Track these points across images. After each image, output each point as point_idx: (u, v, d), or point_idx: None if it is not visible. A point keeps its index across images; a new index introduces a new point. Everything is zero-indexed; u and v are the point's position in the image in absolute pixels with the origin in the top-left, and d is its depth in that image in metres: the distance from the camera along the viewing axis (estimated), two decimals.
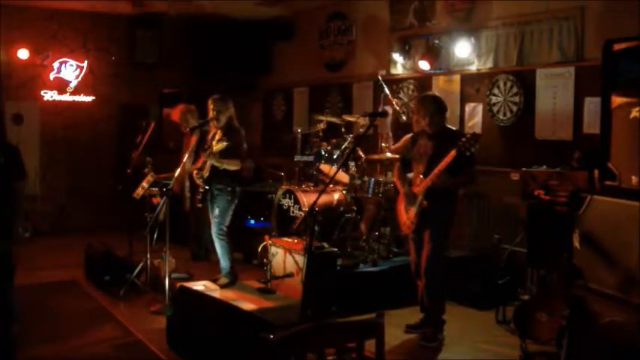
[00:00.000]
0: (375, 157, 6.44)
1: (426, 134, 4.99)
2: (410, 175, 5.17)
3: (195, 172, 6.07)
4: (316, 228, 4.86)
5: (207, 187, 5.99)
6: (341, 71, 8.83)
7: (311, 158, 6.71)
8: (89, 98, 9.57)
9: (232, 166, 5.89)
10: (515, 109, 6.42)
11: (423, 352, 4.80)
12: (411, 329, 5.10)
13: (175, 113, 7.16)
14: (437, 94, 5.48)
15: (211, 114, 5.93)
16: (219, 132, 5.99)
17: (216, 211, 5.99)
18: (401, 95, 7.66)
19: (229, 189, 5.92)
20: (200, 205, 6.16)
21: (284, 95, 10.00)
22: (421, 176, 4.87)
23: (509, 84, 6.47)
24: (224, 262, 6.03)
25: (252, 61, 9.93)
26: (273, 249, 5.53)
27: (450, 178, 4.74)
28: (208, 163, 5.90)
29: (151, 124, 6.76)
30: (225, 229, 5.99)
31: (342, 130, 6.79)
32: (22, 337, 5.00)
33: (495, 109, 6.60)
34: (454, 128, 5.44)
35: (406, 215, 5.01)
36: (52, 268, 7.16)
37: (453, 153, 4.59)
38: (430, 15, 7.40)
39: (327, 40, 9.04)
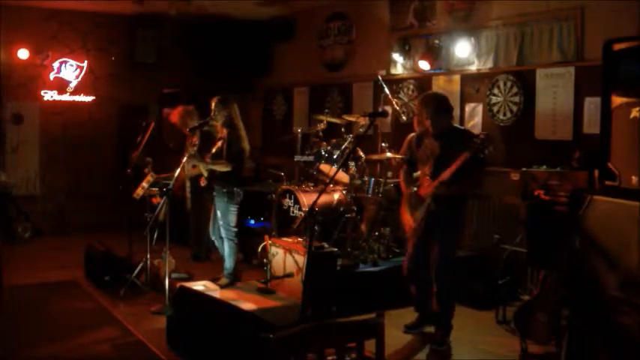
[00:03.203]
0: (375, 157, 6.44)
1: (432, 134, 4.84)
2: (415, 175, 5.10)
3: (202, 179, 6.09)
4: (316, 228, 4.86)
5: (208, 187, 6.03)
6: (341, 71, 8.83)
7: (311, 158, 6.71)
8: (89, 98, 9.57)
9: (219, 167, 5.86)
10: (515, 109, 6.42)
11: (423, 352, 4.80)
12: (409, 329, 5.08)
13: (174, 115, 7.15)
14: (440, 92, 5.33)
15: (211, 114, 5.96)
16: (223, 133, 6.00)
17: (218, 212, 6.01)
18: (401, 95, 7.66)
19: (224, 190, 5.91)
20: (209, 204, 6.19)
21: (284, 95, 10.00)
22: (428, 177, 4.74)
23: (509, 84, 6.47)
24: (229, 263, 6.03)
25: (252, 61, 9.93)
26: (273, 249, 5.53)
27: (457, 184, 4.57)
28: (198, 164, 5.94)
29: (150, 124, 6.76)
30: (233, 229, 5.98)
31: (342, 130, 6.79)
32: (22, 337, 5.01)
33: (495, 109, 6.61)
34: (462, 127, 5.32)
35: (412, 218, 4.87)
36: (52, 268, 7.16)
37: (465, 155, 4.43)
38: (430, 15, 7.40)
39: (327, 40, 9.04)
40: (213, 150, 5.99)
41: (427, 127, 4.87)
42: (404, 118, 6.87)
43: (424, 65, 7.10)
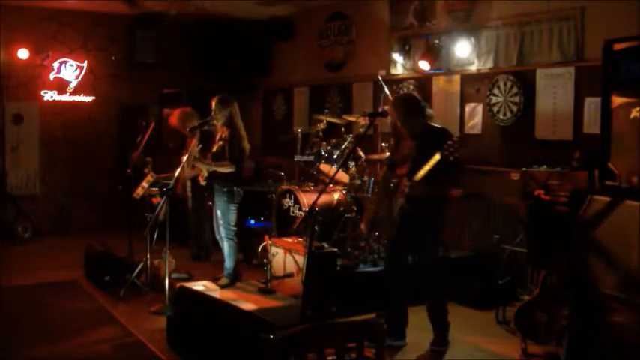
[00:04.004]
0: (375, 157, 6.44)
1: (408, 135, 4.78)
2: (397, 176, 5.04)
3: (200, 176, 6.10)
4: (316, 228, 4.84)
5: (208, 186, 6.04)
6: (341, 71, 8.83)
7: (311, 158, 6.71)
8: (89, 98, 9.57)
9: (223, 168, 5.88)
10: (515, 109, 6.42)
11: (421, 351, 4.80)
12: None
13: (173, 119, 7.13)
14: (410, 93, 5.25)
15: (212, 114, 5.97)
16: (223, 133, 6.01)
17: (218, 212, 6.02)
18: None
19: (225, 189, 5.92)
20: (211, 203, 6.20)
21: (284, 95, 10.00)
22: (405, 179, 4.65)
23: (509, 84, 6.47)
24: (229, 263, 6.04)
25: (252, 61, 9.93)
26: (273, 249, 5.53)
27: (431, 185, 4.48)
28: (201, 166, 5.94)
29: (151, 124, 6.76)
30: (233, 229, 6.00)
31: (342, 130, 6.79)
32: (22, 337, 5.02)
33: (495, 109, 6.61)
34: (439, 126, 5.28)
35: (390, 219, 4.81)
36: (52, 268, 7.16)
37: (436, 157, 4.35)
38: (430, 15, 7.40)
39: (327, 40, 9.04)
40: (214, 150, 6.00)
41: (399, 129, 4.82)
42: None
43: (424, 65, 7.10)
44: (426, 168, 4.41)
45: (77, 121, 9.53)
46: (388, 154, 6.18)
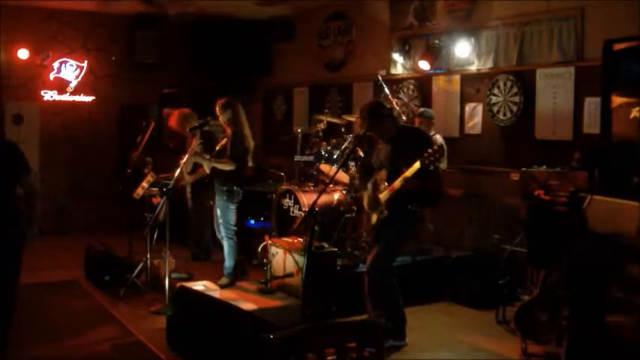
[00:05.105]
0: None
1: (383, 140, 4.79)
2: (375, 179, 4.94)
3: (200, 171, 6.12)
4: (316, 228, 4.84)
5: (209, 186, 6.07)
6: (341, 71, 8.83)
7: (311, 158, 6.71)
8: (89, 98, 9.57)
9: (223, 165, 5.89)
10: (515, 109, 6.42)
11: (428, 352, 4.80)
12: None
13: (172, 120, 7.11)
14: (374, 100, 5.26)
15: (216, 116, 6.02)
16: (226, 132, 6.04)
17: (218, 211, 6.03)
18: (401, 95, 7.66)
19: (224, 188, 5.95)
20: (212, 203, 6.21)
21: (284, 95, 10.00)
22: (385, 184, 4.65)
23: (509, 84, 6.47)
24: (229, 262, 6.05)
25: (252, 61, 9.93)
26: (273, 249, 5.53)
27: (411, 193, 4.48)
28: (201, 161, 5.97)
29: (151, 124, 6.75)
30: (232, 228, 6.02)
31: (342, 130, 6.79)
32: (22, 337, 5.01)
33: (495, 109, 6.61)
34: (411, 127, 5.22)
35: (367, 222, 4.85)
36: (52, 268, 7.16)
37: (417, 165, 4.33)
38: (430, 15, 7.40)
39: (327, 40, 9.04)
40: (217, 148, 6.02)
41: (374, 136, 4.81)
42: (404, 118, 6.87)
43: (424, 65, 7.10)
44: (406, 175, 4.41)
45: (77, 121, 9.53)
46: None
